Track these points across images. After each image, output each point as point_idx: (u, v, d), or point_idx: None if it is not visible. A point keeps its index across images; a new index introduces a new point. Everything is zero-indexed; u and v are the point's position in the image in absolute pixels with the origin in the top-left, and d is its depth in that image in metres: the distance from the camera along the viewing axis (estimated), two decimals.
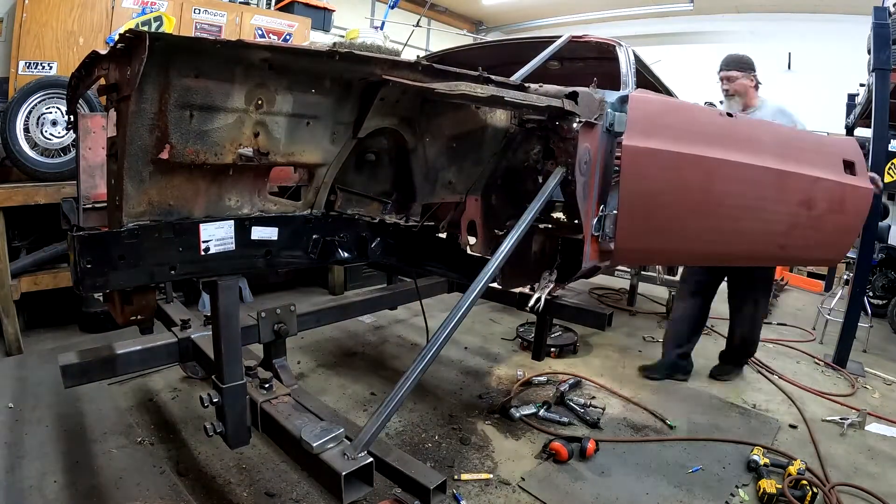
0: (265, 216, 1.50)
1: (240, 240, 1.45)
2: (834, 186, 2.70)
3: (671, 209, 2.27)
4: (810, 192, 2.61)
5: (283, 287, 4.42)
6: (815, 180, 2.60)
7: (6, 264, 2.96)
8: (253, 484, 2.02)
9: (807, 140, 2.83)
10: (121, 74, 1.02)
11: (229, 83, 1.14)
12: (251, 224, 1.47)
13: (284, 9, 5.10)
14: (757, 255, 2.91)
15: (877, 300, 4.92)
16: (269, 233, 1.52)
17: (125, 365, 2.05)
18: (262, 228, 1.50)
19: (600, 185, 2.04)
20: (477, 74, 1.51)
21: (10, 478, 1.96)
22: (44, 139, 3.07)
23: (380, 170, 1.75)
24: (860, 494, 2.18)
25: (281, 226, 1.55)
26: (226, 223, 1.41)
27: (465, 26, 9.05)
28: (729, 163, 2.30)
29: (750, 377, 3.38)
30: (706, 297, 3.28)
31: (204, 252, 1.36)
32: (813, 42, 6.72)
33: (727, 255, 2.80)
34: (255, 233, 1.49)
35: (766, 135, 2.57)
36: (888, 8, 3.49)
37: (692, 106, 2.46)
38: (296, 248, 1.63)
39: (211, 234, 1.35)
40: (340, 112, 1.41)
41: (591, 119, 1.85)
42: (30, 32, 3.53)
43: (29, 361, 2.98)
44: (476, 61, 2.05)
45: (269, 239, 1.53)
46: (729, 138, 2.38)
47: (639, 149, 2.06)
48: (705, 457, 2.40)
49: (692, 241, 2.47)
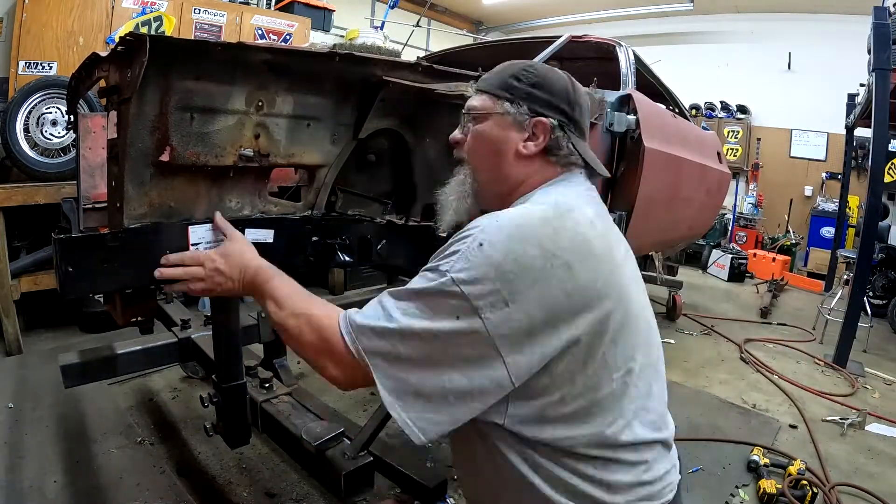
0: (260, 217, 1.47)
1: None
2: (716, 174, 3.33)
3: (659, 205, 2.52)
4: (709, 181, 3.20)
5: None
6: (710, 170, 3.17)
7: (6, 264, 2.95)
8: (253, 484, 2.02)
9: (703, 135, 3.41)
10: (121, 77, 1.02)
11: (230, 85, 1.14)
12: (244, 226, 1.43)
13: (284, 9, 5.10)
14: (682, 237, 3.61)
15: (877, 300, 4.92)
16: (264, 234, 1.47)
17: (125, 365, 2.05)
18: (256, 231, 1.45)
19: (600, 185, 2.05)
20: (477, 75, 1.51)
21: (10, 478, 1.96)
22: (44, 139, 3.07)
23: (380, 170, 1.75)
24: (860, 494, 2.18)
25: (277, 227, 1.51)
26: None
27: (465, 26, 9.05)
28: (685, 160, 2.65)
29: (750, 377, 3.39)
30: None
31: None
32: (813, 42, 6.72)
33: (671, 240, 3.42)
34: (249, 235, 1.43)
35: (691, 133, 3.08)
36: (888, 8, 3.49)
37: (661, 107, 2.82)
38: (293, 251, 1.59)
39: (200, 236, 1.30)
40: (341, 113, 1.41)
41: (591, 119, 1.85)
42: (30, 32, 3.52)
43: (29, 361, 2.98)
44: (476, 61, 2.05)
45: (265, 241, 1.49)
46: (680, 137, 2.70)
47: (655, 151, 2.12)
48: (705, 457, 2.40)
49: (661, 232, 2.87)
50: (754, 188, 7.28)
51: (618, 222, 2.13)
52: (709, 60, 7.60)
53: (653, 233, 2.66)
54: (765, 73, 7.19)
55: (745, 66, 7.31)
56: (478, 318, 0.77)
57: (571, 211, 0.87)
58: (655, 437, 0.90)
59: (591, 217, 0.90)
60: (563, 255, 0.80)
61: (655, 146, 2.16)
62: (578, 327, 0.80)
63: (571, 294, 0.80)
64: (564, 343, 0.80)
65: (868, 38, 3.61)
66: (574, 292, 0.80)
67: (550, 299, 0.78)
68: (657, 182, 2.29)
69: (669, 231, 3.01)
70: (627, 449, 0.85)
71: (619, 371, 0.84)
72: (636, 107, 2.14)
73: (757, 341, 4.06)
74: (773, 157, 7.30)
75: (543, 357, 0.79)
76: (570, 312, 0.80)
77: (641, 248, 3.05)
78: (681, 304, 4.47)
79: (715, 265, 6.46)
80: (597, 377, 0.82)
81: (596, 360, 0.82)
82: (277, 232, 1.49)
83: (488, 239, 0.80)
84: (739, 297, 5.55)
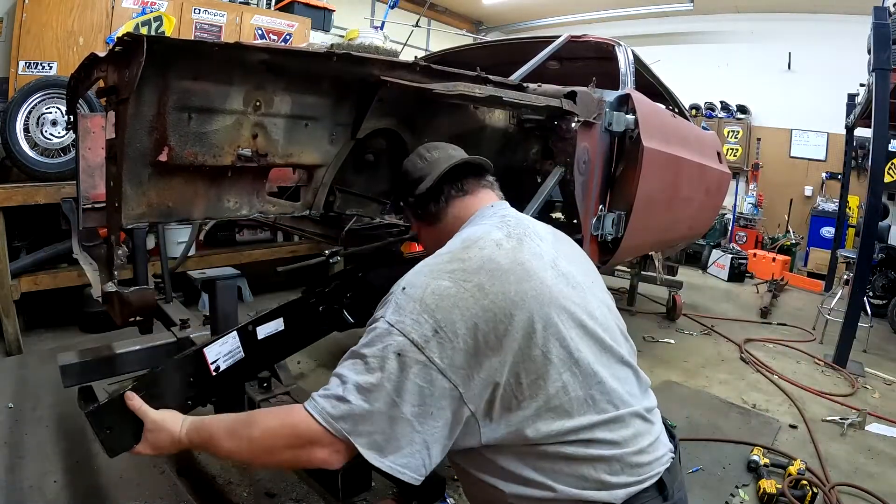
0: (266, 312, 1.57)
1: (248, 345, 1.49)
2: (716, 174, 3.33)
3: (659, 205, 2.51)
4: (709, 180, 3.20)
5: (283, 287, 4.42)
6: (710, 170, 3.17)
7: (6, 264, 2.96)
8: (253, 484, 2.03)
9: (702, 135, 3.41)
10: (119, 77, 1.02)
11: (227, 85, 1.14)
12: (255, 325, 1.51)
13: (284, 9, 5.10)
14: (682, 237, 3.62)
15: (877, 300, 4.91)
16: (275, 326, 1.57)
17: (125, 365, 2.06)
18: (267, 325, 1.54)
19: (599, 185, 2.05)
20: (475, 74, 1.51)
21: (10, 478, 1.97)
22: (44, 139, 3.07)
23: (379, 170, 1.75)
24: (860, 494, 2.18)
25: (285, 314, 1.60)
26: (228, 336, 1.45)
27: (464, 26, 9.04)
28: (684, 160, 2.65)
29: (750, 377, 3.39)
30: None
31: (215, 372, 1.41)
32: (813, 42, 6.71)
33: (671, 240, 3.41)
34: (262, 331, 1.53)
35: (691, 133, 3.08)
36: (888, 8, 3.49)
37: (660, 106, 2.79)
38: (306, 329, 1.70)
39: (217, 352, 1.38)
40: (339, 113, 1.41)
41: (590, 119, 1.85)
42: (30, 32, 3.53)
43: (29, 361, 2.99)
44: (475, 61, 2.05)
45: (277, 331, 1.57)
46: (680, 137, 2.69)
47: (653, 150, 2.11)
48: (705, 457, 2.40)
49: (660, 232, 2.85)
50: (754, 188, 7.27)
51: (617, 222, 2.13)
52: (709, 60, 7.60)
53: (652, 233, 2.66)
54: (765, 73, 7.18)
55: (745, 66, 7.31)
56: (419, 351, 0.86)
57: (477, 241, 1.01)
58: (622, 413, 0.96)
59: (498, 238, 1.02)
60: (472, 279, 0.92)
61: (654, 146, 2.16)
62: (509, 339, 0.89)
63: (488, 308, 0.90)
64: (503, 357, 0.88)
65: (868, 38, 3.60)
66: (490, 306, 0.90)
67: (472, 317, 0.88)
68: (656, 182, 2.29)
69: (669, 231, 3.01)
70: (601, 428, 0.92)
71: (565, 363, 0.92)
72: (635, 106, 2.13)
73: (757, 341, 4.05)
74: (773, 157, 7.30)
75: (490, 374, 0.88)
76: (494, 327, 0.89)
77: (641, 248, 3.05)
78: (681, 304, 4.47)
79: (715, 265, 6.46)
80: (544, 373, 0.90)
81: (536, 359, 0.90)
82: (286, 318, 1.59)
83: (409, 282, 0.95)
84: (739, 297, 5.55)
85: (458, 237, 1.07)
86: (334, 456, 0.88)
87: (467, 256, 0.97)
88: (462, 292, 0.90)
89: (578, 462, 0.91)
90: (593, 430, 0.92)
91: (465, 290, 0.90)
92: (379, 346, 0.88)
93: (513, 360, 0.89)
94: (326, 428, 0.86)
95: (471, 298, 0.90)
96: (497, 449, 0.93)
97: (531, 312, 0.91)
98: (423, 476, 0.87)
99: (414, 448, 0.86)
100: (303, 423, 0.88)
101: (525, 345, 0.89)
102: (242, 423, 0.96)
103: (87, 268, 1.63)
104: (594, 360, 0.95)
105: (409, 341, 0.87)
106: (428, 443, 0.86)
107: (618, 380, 0.98)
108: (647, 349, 3.74)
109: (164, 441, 1.04)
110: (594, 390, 0.93)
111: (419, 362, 0.86)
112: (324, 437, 0.86)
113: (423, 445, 0.86)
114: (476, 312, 0.89)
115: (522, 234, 1.06)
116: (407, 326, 0.88)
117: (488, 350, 0.88)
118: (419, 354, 0.86)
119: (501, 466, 0.93)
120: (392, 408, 0.85)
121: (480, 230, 1.06)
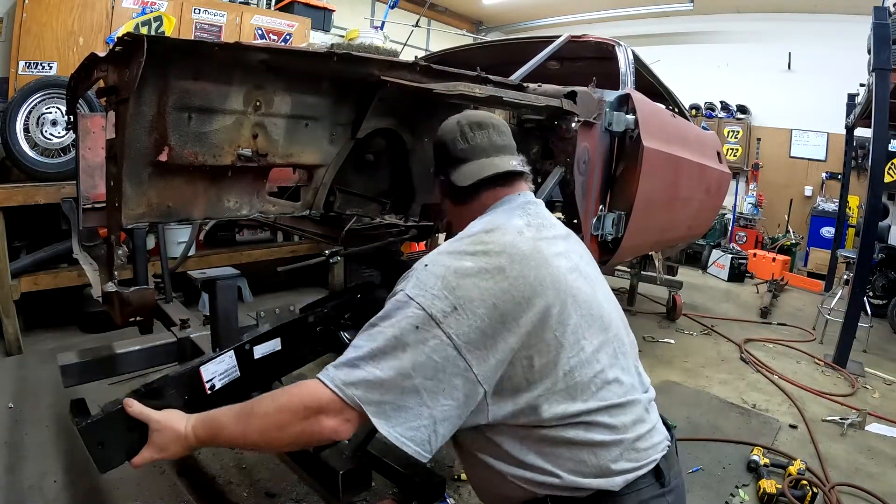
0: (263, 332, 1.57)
1: (244, 364, 1.48)
2: (715, 174, 3.36)
3: (659, 205, 2.53)
4: (709, 180, 3.22)
5: (283, 287, 4.42)
6: (710, 169, 3.19)
7: (6, 264, 2.96)
8: (253, 484, 2.03)
9: (702, 135, 3.44)
10: (119, 77, 1.02)
11: (227, 85, 1.14)
12: (252, 345, 1.51)
13: (284, 9, 5.10)
14: (682, 237, 3.65)
15: (877, 300, 4.91)
16: (272, 346, 1.57)
17: (125, 365, 2.06)
18: (264, 345, 1.53)
19: (599, 185, 2.05)
20: (475, 74, 1.51)
21: (10, 478, 1.97)
22: (44, 139, 3.07)
23: (379, 170, 1.75)
24: (860, 494, 2.18)
25: (282, 335, 1.60)
26: (225, 356, 1.44)
27: (464, 26, 9.04)
28: (684, 160, 2.66)
29: (750, 377, 3.39)
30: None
31: (210, 390, 1.40)
32: (813, 42, 6.71)
33: (671, 240, 3.43)
34: (259, 351, 1.52)
35: (691, 133, 3.10)
36: (888, 8, 3.49)
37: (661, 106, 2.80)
38: (302, 348, 1.71)
39: (213, 371, 1.37)
40: (339, 113, 1.41)
41: (590, 118, 1.85)
42: (30, 32, 3.52)
43: (29, 361, 2.99)
44: (475, 61, 2.05)
45: (275, 351, 1.56)
46: (680, 137, 2.70)
47: (653, 150, 2.11)
48: (705, 457, 2.40)
49: (660, 232, 2.86)
50: (754, 188, 7.27)
51: (617, 222, 2.13)
52: (709, 60, 7.59)
53: (652, 232, 2.66)
54: (765, 73, 7.18)
55: (745, 66, 7.30)
56: (436, 326, 0.88)
57: (500, 227, 1.04)
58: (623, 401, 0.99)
59: (520, 226, 1.05)
60: (494, 262, 0.95)
61: (654, 146, 2.16)
62: (525, 321, 0.91)
63: (507, 290, 0.92)
64: (519, 339, 0.90)
65: (868, 38, 3.60)
66: (510, 288, 0.92)
67: (491, 298, 0.91)
68: (656, 182, 2.29)
69: (669, 231, 3.01)
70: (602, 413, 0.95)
71: (574, 348, 0.94)
72: (635, 106, 2.14)
73: (757, 341, 4.05)
74: (773, 157, 7.29)
75: (504, 355, 0.90)
76: (512, 308, 0.91)
77: (641, 247, 3.05)
78: (681, 304, 4.47)
79: (715, 265, 6.45)
80: (555, 357, 0.93)
81: (549, 343, 0.93)
82: (283, 339, 1.59)
83: (431, 261, 0.97)
84: (739, 297, 5.54)
85: (482, 220, 1.09)
86: (344, 425, 0.88)
87: (490, 240, 0.99)
88: (483, 273, 0.93)
89: (579, 447, 0.93)
90: (595, 414, 0.94)
91: (486, 272, 0.93)
92: (397, 318, 0.89)
93: (528, 343, 0.91)
94: (337, 394, 0.86)
95: (491, 280, 0.92)
96: (499, 430, 0.94)
97: (548, 298, 0.94)
98: (427, 452, 0.87)
99: (421, 422, 0.86)
100: (314, 393, 0.88)
101: (540, 328, 0.92)
102: (250, 405, 0.96)
103: (87, 268, 1.63)
104: (600, 349, 0.98)
105: (428, 315, 0.88)
106: (436, 419, 0.87)
107: (621, 369, 1.01)
108: (647, 349, 3.74)
109: (170, 439, 1.02)
110: (598, 377, 0.96)
111: (436, 336, 0.87)
112: (334, 403, 0.87)
113: (431, 420, 0.87)
114: (496, 293, 0.91)
115: (541, 224, 1.09)
116: (427, 300, 0.89)
117: (505, 331, 0.90)
118: (437, 329, 0.87)
119: (503, 448, 0.95)
120: (405, 379, 0.86)
121: (503, 216, 1.08)
